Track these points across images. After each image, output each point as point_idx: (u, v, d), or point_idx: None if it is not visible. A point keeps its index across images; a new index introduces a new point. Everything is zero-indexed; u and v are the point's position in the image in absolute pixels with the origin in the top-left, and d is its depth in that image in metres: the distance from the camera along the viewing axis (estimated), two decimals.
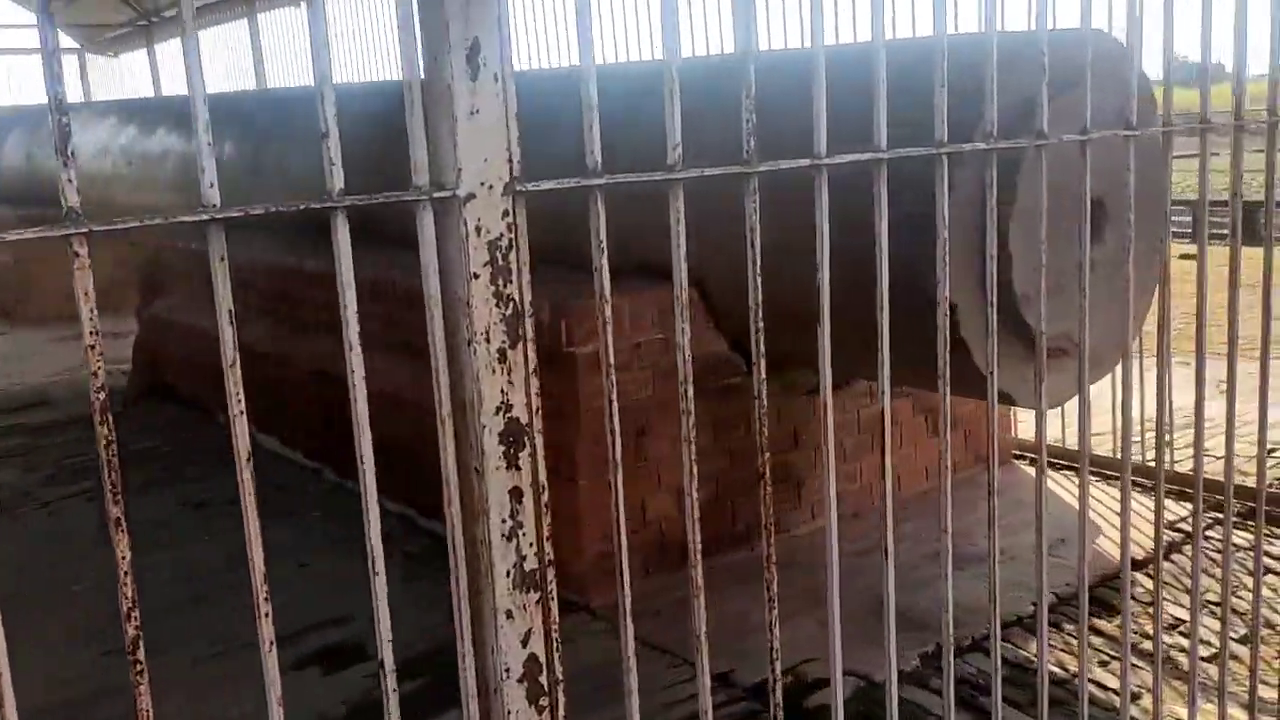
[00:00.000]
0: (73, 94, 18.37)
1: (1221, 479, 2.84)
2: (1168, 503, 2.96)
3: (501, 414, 1.47)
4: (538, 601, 1.54)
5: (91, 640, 3.84)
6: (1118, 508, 2.62)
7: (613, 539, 1.65)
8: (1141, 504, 4.39)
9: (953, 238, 2.12)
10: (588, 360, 3.84)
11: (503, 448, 1.48)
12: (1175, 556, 4.23)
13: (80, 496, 5.52)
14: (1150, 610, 3.37)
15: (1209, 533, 4.24)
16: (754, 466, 1.85)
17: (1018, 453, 5.30)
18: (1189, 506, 4.37)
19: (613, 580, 1.64)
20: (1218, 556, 3.31)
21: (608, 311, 1.59)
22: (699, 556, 1.71)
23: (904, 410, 4.59)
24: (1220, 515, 4.12)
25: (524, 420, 1.50)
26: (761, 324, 1.79)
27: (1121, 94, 2.41)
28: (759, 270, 1.77)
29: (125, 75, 17.82)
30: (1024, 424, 5.38)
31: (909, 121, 2.83)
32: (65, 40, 18.60)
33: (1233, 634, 3.35)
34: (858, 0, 6.51)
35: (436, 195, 1.40)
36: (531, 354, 1.49)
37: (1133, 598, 3.35)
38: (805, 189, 1.81)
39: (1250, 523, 3.48)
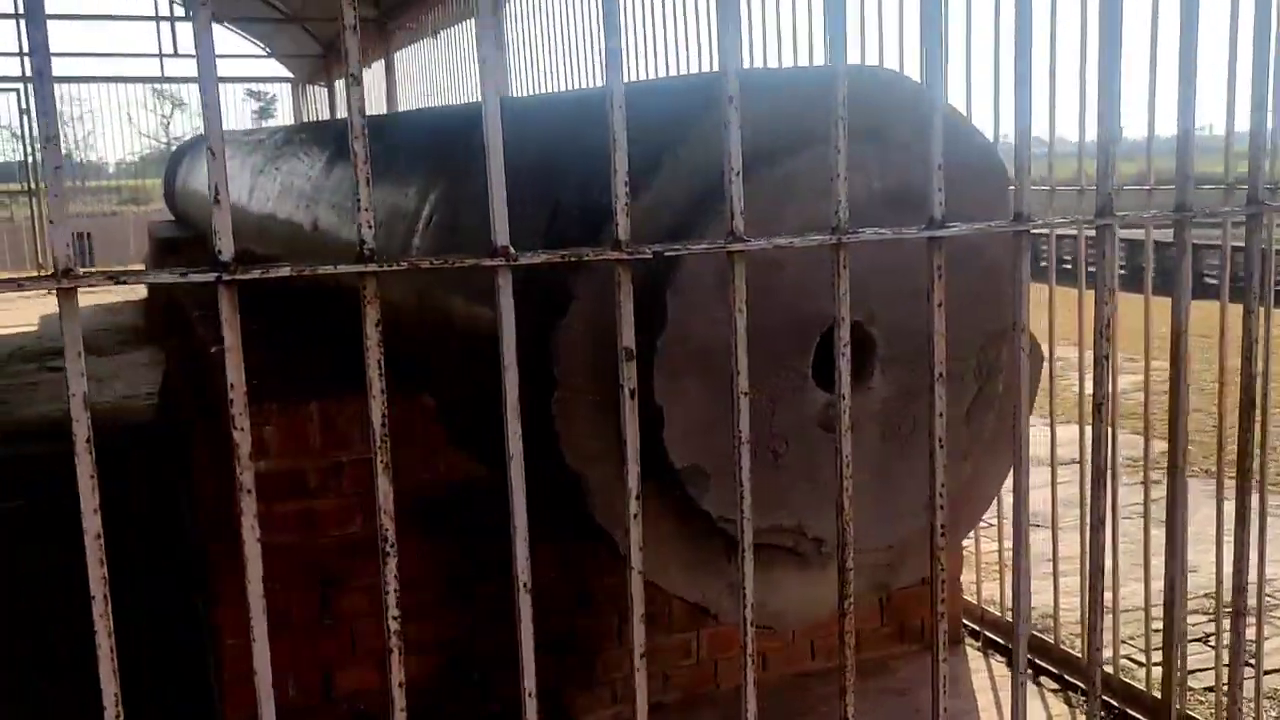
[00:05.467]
0: (285, 120, 19.21)
1: None
2: None
3: None
4: None
5: None
6: None
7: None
8: None
9: (576, 381, 1.80)
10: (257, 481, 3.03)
11: None
12: None
13: None
14: None
15: None
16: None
17: (974, 626, 4.03)
18: None
19: None
20: None
21: None
22: None
23: None
24: None
25: None
26: None
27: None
28: None
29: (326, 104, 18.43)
30: (988, 584, 4.11)
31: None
32: (280, 71, 19.56)
33: None
34: None
35: None
36: None
37: None
38: None
39: None
